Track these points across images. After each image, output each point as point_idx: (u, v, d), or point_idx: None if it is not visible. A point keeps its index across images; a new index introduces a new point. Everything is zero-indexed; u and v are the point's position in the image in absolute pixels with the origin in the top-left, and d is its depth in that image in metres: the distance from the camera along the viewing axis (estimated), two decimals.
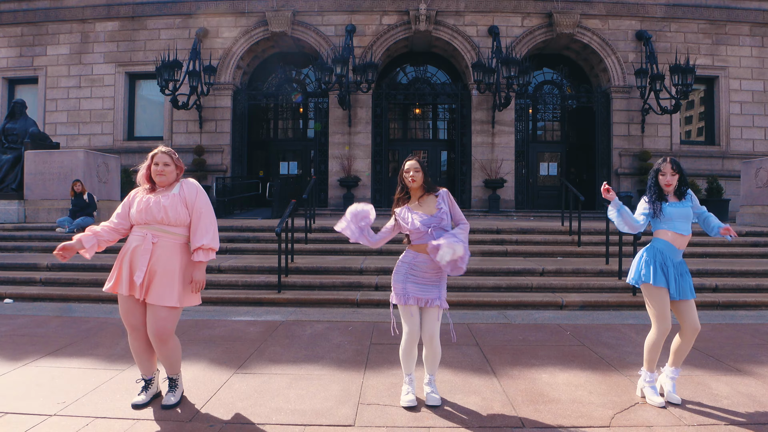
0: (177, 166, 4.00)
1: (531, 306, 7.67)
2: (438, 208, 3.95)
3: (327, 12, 18.88)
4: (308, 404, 3.99)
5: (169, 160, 3.94)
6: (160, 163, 3.90)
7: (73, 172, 12.56)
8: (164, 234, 3.85)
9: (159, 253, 3.81)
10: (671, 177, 4.11)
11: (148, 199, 3.86)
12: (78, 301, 8.13)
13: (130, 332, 3.95)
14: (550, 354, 5.33)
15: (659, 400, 4.00)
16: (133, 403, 3.91)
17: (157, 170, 3.89)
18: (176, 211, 3.85)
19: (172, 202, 3.85)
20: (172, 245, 3.88)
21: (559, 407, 3.93)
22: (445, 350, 5.27)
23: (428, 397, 4.01)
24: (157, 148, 4.00)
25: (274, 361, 5.09)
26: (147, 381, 4.04)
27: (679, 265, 4.10)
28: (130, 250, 3.82)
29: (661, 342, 4.07)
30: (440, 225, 3.93)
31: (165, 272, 3.81)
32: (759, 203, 13.41)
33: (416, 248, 3.99)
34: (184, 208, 3.89)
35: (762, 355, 5.41)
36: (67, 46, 19.77)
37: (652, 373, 4.15)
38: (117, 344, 5.72)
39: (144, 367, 4.02)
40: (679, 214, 4.09)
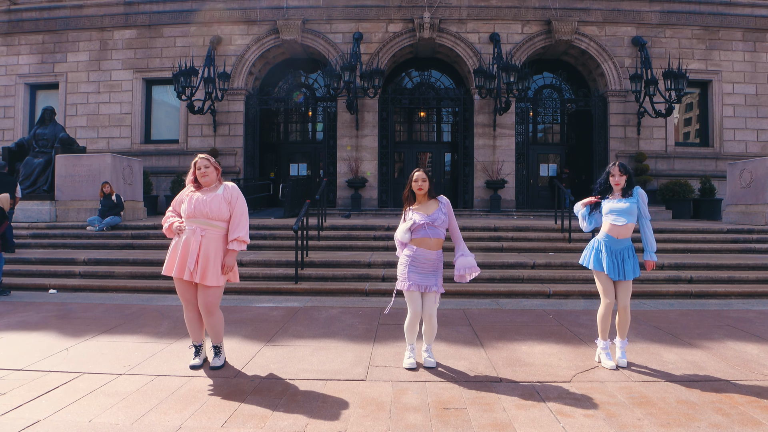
0: (215, 168, 4.88)
1: (521, 295, 8.56)
2: (435, 211, 4.83)
3: (335, 20, 19.77)
4: (328, 366, 4.91)
5: (208, 163, 4.83)
6: (202, 167, 4.79)
7: (100, 175, 13.50)
8: (209, 227, 4.71)
9: (206, 243, 4.67)
10: (619, 177, 4.96)
11: (197, 197, 4.73)
12: (115, 291, 9.06)
13: (185, 305, 4.86)
14: (532, 332, 6.23)
15: (611, 363, 4.88)
16: (191, 365, 4.86)
17: (200, 173, 4.78)
18: (219, 208, 4.71)
19: (216, 200, 4.72)
20: (216, 236, 4.73)
21: (532, 369, 4.84)
22: (441, 329, 6.20)
23: (425, 360, 4.90)
24: (197, 156, 4.91)
25: (297, 336, 6.01)
26: (197, 347, 4.97)
27: (619, 252, 4.95)
28: (182, 240, 4.69)
29: (607, 314, 5.01)
30: (434, 224, 4.79)
31: (211, 258, 4.67)
32: (742, 203, 14.25)
33: (417, 243, 4.82)
34: (226, 206, 4.75)
35: (715, 333, 6.27)
36: (86, 53, 20.73)
37: (605, 341, 5.06)
38: (160, 325, 6.63)
39: (195, 334, 4.95)
40: (616, 208, 4.93)
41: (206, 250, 4.68)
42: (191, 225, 4.73)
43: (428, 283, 4.80)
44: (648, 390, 4.32)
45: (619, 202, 4.96)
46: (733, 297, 8.79)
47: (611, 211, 4.96)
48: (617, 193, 5.02)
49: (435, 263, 4.85)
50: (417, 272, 4.78)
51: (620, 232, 4.94)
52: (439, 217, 4.81)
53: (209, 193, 4.78)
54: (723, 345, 5.73)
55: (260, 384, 4.42)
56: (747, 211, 14.09)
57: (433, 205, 4.87)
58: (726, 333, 6.28)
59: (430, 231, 4.78)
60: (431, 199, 4.89)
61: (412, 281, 4.78)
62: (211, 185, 4.83)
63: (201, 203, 4.70)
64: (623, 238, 4.96)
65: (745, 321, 6.98)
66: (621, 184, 4.98)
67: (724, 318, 7.18)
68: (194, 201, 4.73)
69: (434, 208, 4.84)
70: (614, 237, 4.95)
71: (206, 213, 4.70)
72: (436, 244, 4.83)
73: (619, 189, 5.01)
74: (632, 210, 4.93)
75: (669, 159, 19.67)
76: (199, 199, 4.73)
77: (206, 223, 4.72)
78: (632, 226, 5.00)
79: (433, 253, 4.81)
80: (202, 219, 4.71)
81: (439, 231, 4.83)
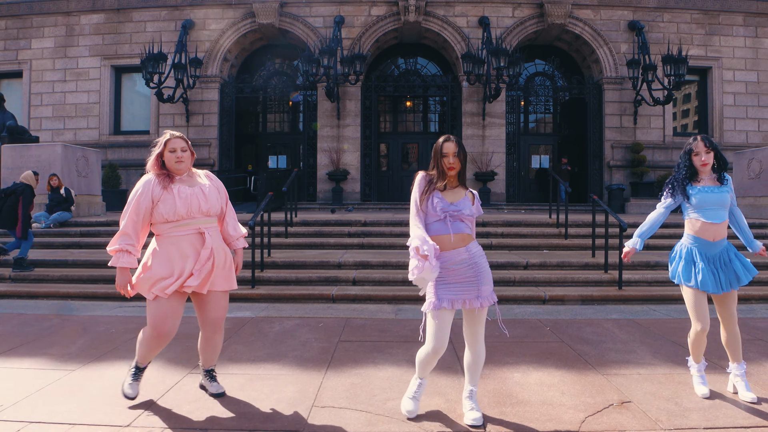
0: (191, 152, 3.72)
1: (512, 300, 7.42)
2: (465, 198, 3.45)
3: (315, 3, 18.56)
4: (257, 408, 3.72)
5: (185, 145, 3.66)
6: (177, 149, 3.60)
7: (51, 167, 12.27)
8: (210, 225, 3.69)
9: (216, 244, 3.67)
10: (706, 155, 3.77)
11: (184, 191, 3.57)
12: (46, 297, 7.90)
13: (164, 340, 3.67)
14: (526, 351, 5.08)
15: (705, 390, 3.92)
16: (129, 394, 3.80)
17: (176, 157, 3.59)
18: (217, 202, 3.73)
19: (212, 192, 3.70)
20: (217, 233, 3.76)
21: (527, 409, 3.67)
22: (411, 347, 5.05)
23: (468, 415, 3.45)
24: (167, 133, 3.71)
25: (233, 359, 4.83)
26: (142, 369, 3.90)
27: (718, 256, 3.82)
28: (189, 250, 3.57)
29: (699, 340, 4.00)
30: (460, 216, 3.38)
31: (227, 258, 3.78)
32: (751, 194, 13.18)
33: (435, 240, 3.32)
34: (220, 198, 3.78)
35: (749, 351, 5.11)
36: (51, 39, 19.42)
37: (699, 363, 4.06)
38: (74, 343, 5.48)
39: (150, 356, 3.86)
40: (710, 200, 3.75)
41: (220, 252, 3.71)
42: (189, 228, 3.59)
43: (465, 295, 3.35)
44: None
45: (712, 193, 3.74)
46: (753, 301, 7.71)
47: (703, 205, 3.75)
48: (706, 178, 3.81)
49: (472, 263, 3.38)
50: (447, 284, 3.35)
51: (717, 232, 3.78)
52: (465, 207, 3.40)
53: (195, 185, 3.67)
54: (763, 368, 4.63)
55: None
56: (756, 204, 13.01)
57: (461, 193, 3.48)
58: (762, 351, 5.23)
59: (453, 225, 3.36)
60: (460, 185, 3.52)
61: (442, 297, 3.32)
62: (183, 174, 3.66)
63: (195, 198, 3.59)
64: (720, 239, 3.81)
65: None
66: (709, 163, 3.77)
67: (751, 329, 6.04)
68: (186, 197, 3.56)
69: (462, 197, 3.45)
70: (710, 240, 3.79)
71: (207, 210, 3.64)
72: (462, 240, 3.38)
73: (708, 171, 3.81)
74: (727, 201, 3.78)
75: (667, 150, 18.60)
76: (188, 192, 3.58)
77: (206, 221, 3.66)
78: (727, 223, 3.86)
79: (462, 252, 3.36)
80: (201, 218, 3.63)
81: (463, 225, 3.40)
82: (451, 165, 3.39)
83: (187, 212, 3.54)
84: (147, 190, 3.53)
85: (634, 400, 3.81)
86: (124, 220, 3.55)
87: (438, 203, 3.35)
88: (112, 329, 6.03)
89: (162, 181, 3.56)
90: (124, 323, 6.30)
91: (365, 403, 3.77)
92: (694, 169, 3.82)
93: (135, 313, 6.85)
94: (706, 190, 3.75)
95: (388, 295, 7.48)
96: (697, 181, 3.82)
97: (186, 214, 3.54)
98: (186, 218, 3.56)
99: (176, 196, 3.53)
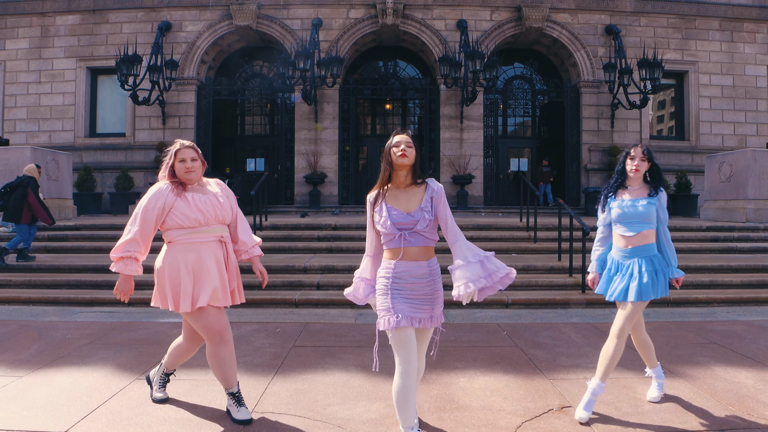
0: (203, 162, 3.69)
1: (475, 304, 7.39)
2: (421, 208, 3.09)
3: (292, 5, 18.52)
4: (199, 412, 3.71)
5: (196, 155, 3.62)
6: (187, 158, 3.56)
7: (19, 170, 12.07)
8: (224, 233, 3.66)
9: (230, 253, 3.69)
10: (640, 162, 3.73)
11: (198, 199, 3.54)
12: (7, 303, 7.76)
13: (222, 338, 3.57)
14: (478, 356, 5.08)
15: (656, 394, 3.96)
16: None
17: (186, 167, 3.55)
18: (230, 209, 3.71)
19: (225, 201, 3.67)
20: (229, 242, 3.73)
21: (465, 415, 3.67)
22: (363, 351, 5.05)
23: None
24: (177, 143, 3.67)
25: (184, 366, 4.77)
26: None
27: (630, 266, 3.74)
28: (206, 258, 3.51)
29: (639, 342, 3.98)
30: (415, 229, 3.07)
31: (237, 269, 3.76)
32: (721, 198, 13.31)
33: (390, 254, 3.14)
34: (231, 206, 3.75)
35: (700, 355, 5.20)
36: (26, 40, 19.22)
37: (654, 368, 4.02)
38: (28, 348, 5.42)
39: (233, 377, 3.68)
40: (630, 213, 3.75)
41: (232, 261, 3.70)
42: (207, 235, 3.55)
43: (421, 314, 3.10)
44: None
45: (632, 206, 3.74)
46: (715, 304, 7.75)
47: (622, 218, 3.77)
48: (636, 189, 3.78)
49: (431, 280, 3.14)
50: (406, 298, 3.08)
51: (632, 242, 3.76)
52: (421, 219, 3.06)
53: (208, 193, 3.63)
54: (710, 372, 4.64)
55: None
56: (726, 207, 13.13)
57: (417, 194, 3.13)
58: (712, 354, 5.21)
59: (411, 238, 3.08)
60: (414, 184, 3.16)
61: (401, 312, 3.03)
62: (195, 183, 3.63)
63: (211, 205, 3.56)
64: (635, 247, 3.75)
65: (732, 336, 5.92)
66: (640, 171, 3.73)
67: (707, 332, 6.11)
68: (201, 204, 3.53)
69: (417, 202, 3.10)
70: (626, 248, 3.77)
71: (223, 218, 3.62)
72: (422, 253, 3.12)
73: (638, 179, 3.79)
74: (648, 214, 3.71)
75: None
76: (203, 200, 3.55)
77: (220, 229, 3.63)
78: (653, 233, 3.78)
79: (423, 265, 3.12)
80: (216, 226, 3.60)
81: (423, 237, 3.11)
82: (404, 152, 3.09)
83: (205, 219, 3.53)
84: (159, 198, 3.50)
85: (574, 405, 3.81)
86: (134, 227, 3.50)
87: (386, 221, 3.07)
88: (69, 335, 5.97)
89: (175, 188, 3.54)
90: (81, 329, 6.24)
91: (305, 409, 3.76)
92: (626, 174, 3.82)
93: (95, 319, 6.80)
94: (625, 205, 3.76)
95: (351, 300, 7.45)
96: (625, 189, 3.83)
97: (204, 221, 3.53)
98: (203, 225, 3.53)
99: (191, 203, 3.51)
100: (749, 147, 18.03)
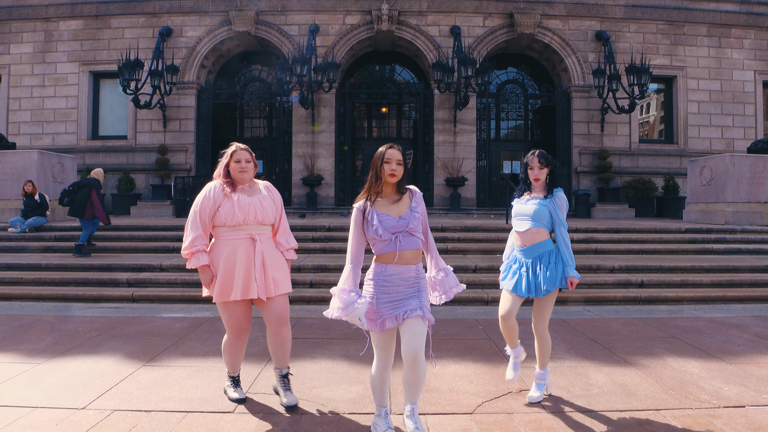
0: (255, 163, 4.03)
1: (457, 302, 7.86)
2: (411, 209, 3.37)
3: (290, 12, 19.02)
4: (199, 393, 4.21)
5: (249, 156, 3.97)
6: (242, 159, 3.92)
7: (26, 173, 12.64)
8: (262, 232, 3.95)
9: (266, 249, 3.93)
10: (539, 170, 4.02)
11: (243, 200, 3.87)
12: (19, 299, 8.25)
13: (239, 334, 4.01)
14: (452, 347, 5.59)
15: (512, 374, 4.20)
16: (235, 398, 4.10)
17: (240, 167, 3.90)
18: (272, 212, 3.98)
19: (269, 204, 3.96)
20: (268, 239, 4.00)
21: (433, 396, 4.18)
22: (349, 343, 5.54)
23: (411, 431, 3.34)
24: (233, 145, 4.02)
25: (186, 354, 5.30)
26: (236, 378, 4.21)
27: (533, 262, 4.01)
28: (241, 254, 3.84)
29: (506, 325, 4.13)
30: (408, 229, 3.32)
31: (277, 263, 3.99)
32: (702, 201, 13.81)
33: (383, 259, 3.37)
34: (276, 209, 4.03)
35: (657, 347, 5.69)
36: (30, 44, 19.70)
37: (516, 348, 4.26)
38: (43, 339, 5.90)
39: (236, 363, 4.16)
40: (521, 211, 4.07)
41: (269, 257, 3.95)
42: (242, 233, 3.88)
43: (406, 307, 3.30)
44: (558, 426, 3.69)
45: (525, 204, 4.07)
46: (684, 302, 8.25)
47: (516, 214, 4.12)
48: (538, 191, 4.08)
49: (415, 283, 3.39)
50: (389, 301, 3.32)
51: (526, 239, 4.04)
52: (412, 219, 3.34)
53: (254, 195, 3.97)
54: (662, 362, 5.13)
55: (103, 421, 3.71)
56: (707, 210, 13.65)
57: (404, 201, 3.39)
58: (668, 347, 5.70)
59: (405, 241, 3.33)
60: (399, 192, 3.40)
61: (384, 315, 3.31)
62: (246, 183, 3.99)
63: (252, 207, 3.87)
64: (533, 245, 4.02)
65: (692, 331, 6.42)
66: (541, 179, 4.02)
67: (670, 328, 6.61)
68: (244, 205, 3.86)
69: (406, 206, 3.37)
70: (524, 246, 4.06)
71: (262, 219, 3.93)
72: (414, 257, 3.38)
73: (541, 185, 4.06)
74: (541, 213, 4.00)
75: (633, 156, 19.25)
76: (247, 201, 3.88)
77: (260, 228, 3.95)
78: (544, 232, 4.05)
79: (412, 269, 3.37)
80: (255, 225, 3.92)
81: (416, 239, 3.38)
82: (393, 171, 3.30)
83: (244, 219, 3.83)
84: (211, 195, 3.87)
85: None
86: (194, 224, 3.86)
87: (378, 228, 3.28)
88: (79, 328, 6.45)
89: (225, 187, 3.89)
90: (90, 323, 6.72)
91: (293, 390, 4.25)
92: (529, 181, 4.12)
93: (102, 314, 7.28)
94: (522, 202, 4.10)
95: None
96: (527, 194, 4.15)
97: (243, 220, 3.84)
98: (242, 224, 3.85)
99: (235, 203, 3.83)
100: (735, 151, 18.57)
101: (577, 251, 10.37)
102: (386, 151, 3.34)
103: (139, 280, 8.74)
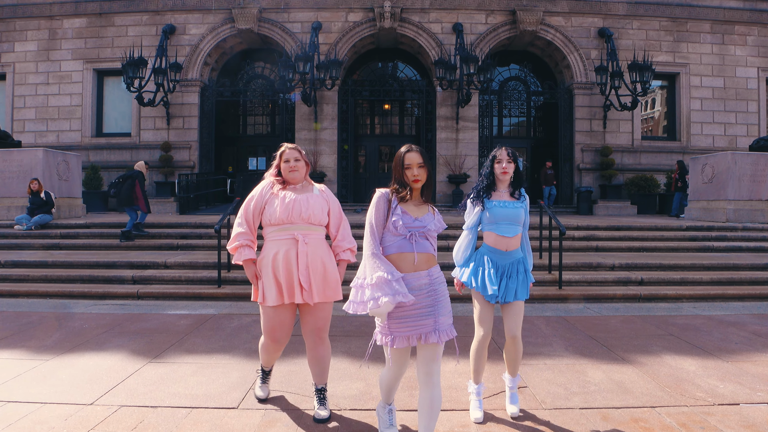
0: (306, 163, 3.94)
1: (459, 299, 7.92)
2: (427, 214, 3.16)
3: (293, 9, 19.08)
4: (204, 390, 4.30)
5: (299, 155, 3.89)
6: (291, 159, 3.84)
7: (32, 171, 12.73)
8: (308, 232, 3.77)
9: (312, 251, 3.73)
10: (508, 164, 3.84)
11: (291, 198, 3.75)
12: (26, 296, 8.36)
13: (277, 346, 3.90)
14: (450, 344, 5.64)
15: (479, 414, 3.81)
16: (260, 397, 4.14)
17: (289, 167, 3.82)
18: (321, 211, 3.81)
19: (317, 202, 3.81)
20: (318, 240, 3.82)
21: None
22: (350, 340, 5.62)
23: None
24: (283, 146, 3.96)
25: (191, 351, 5.39)
26: (268, 372, 4.20)
27: (507, 268, 3.85)
28: (282, 255, 3.69)
29: (482, 350, 3.94)
30: (426, 233, 3.13)
31: (323, 269, 3.78)
32: (704, 198, 13.86)
33: (394, 261, 3.09)
34: (326, 209, 3.87)
35: (655, 345, 5.76)
36: (35, 42, 19.83)
37: (478, 384, 3.97)
38: (50, 336, 6.00)
39: (272, 361, 4.13)
40: (504, 214, 3.83)
41: (317, 259, 3.75)
42: (287, 233, 3.73)
43: (420, 329, 3.01)
44: (555, 422, 3.78)
45: (506, 208, 3.83)
46: (684, 300, 8.31)
47: (498, 219, 3.83)
48: (503, 190, 3.90)
49: (431, 290, 3.09)
50: (400, 315, 3.02)
51: (510, 243, 3.86)
52: (431, 219, 3.16)
53: (304, 193, 3.83)
54: (659, 360, 5.21)
55: (111, 417, 3.81)
56: (708, 207, 13.70)
57: (424, 207, 3.20)
58: (666, 345, 5.77)
59: (416, 243, 3.10)
60: (424, 200, 3.21)
61: (395, 333, 3.04)
62: (298, 183, 3.87)
63: (300, 205, 3.72)
64: (513, 250, 3.88)
65: (690, 329, 6.49)
66: (509, 173, 3.84)
67: (668, 326, 6.68)
68: (290, 202, 3.73)
69: (425, 211, 3.18)
70: (503, 250, 3.86)
71: (308, 217, 3.75)
72: (427, 261, 3.13)
73: (507, 182, 3.89)
74: (520, 216, 3.87)
75: (635, 153, 19.30)
76: (295, 199, 3.74)
77: (307, 228, 3.77)
78: (520, 236, 3.94)
79: (423, 275, 3.09)
80: (303, 224, 3.75)
81: (428, 244, 3.16)
82: (416, 177, 3.10)
83: (288, 217, 3.69)
84: (259, 192, 3.83)
85: (530, 386, 4.41)
86: (241, 221, 3.81)
87: (398, 220, 3.06)
88: (86, 325, 6.55)
89: (275, 185, 3.82)
90: (96, 319, 6.82)
91: (295, 387, 4.36)
92: (494, 177, 3.91)
93: (108, 311, 7.38)
94: (501, 205, 3.84)
95: (345, 294, 7.98)
96: (494, 192, 3.92)
97: (286, 218, 3.69)
98: (286, 222, 3.70)
99: (281, 200, 3.73)
100: (738, 148, 18.61)
101: (578, 249, 10.48)
102: (405, 155, 3.14)
103: (144, 278, 8.84)
